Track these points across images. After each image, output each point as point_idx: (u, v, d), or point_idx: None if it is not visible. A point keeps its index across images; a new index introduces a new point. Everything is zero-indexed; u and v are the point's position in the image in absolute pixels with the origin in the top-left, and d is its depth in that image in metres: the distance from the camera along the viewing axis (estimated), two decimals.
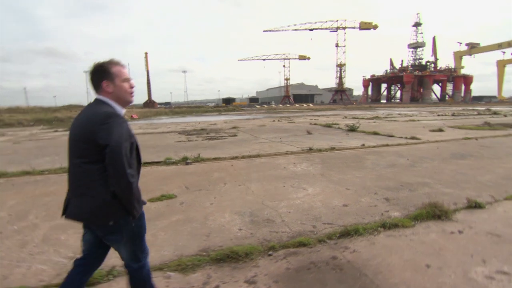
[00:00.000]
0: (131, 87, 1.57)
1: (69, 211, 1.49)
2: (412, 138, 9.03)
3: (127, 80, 1.55)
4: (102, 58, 1.59)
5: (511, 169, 5.04)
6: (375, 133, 10.45)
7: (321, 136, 10.17)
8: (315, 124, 15.13)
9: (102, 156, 1.36)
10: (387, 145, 7.74)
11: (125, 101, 1.55)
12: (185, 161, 6.11)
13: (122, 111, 1.53)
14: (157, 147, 8.45)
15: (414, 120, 16.67)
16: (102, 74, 1.49)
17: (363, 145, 7.73)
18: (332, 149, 7.23)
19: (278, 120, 18.95)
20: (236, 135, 11.17)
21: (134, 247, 1.55)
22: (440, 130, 11.26)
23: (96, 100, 1.51)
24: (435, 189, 3.99)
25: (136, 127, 16.32)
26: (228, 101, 77.30)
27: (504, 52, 78.52)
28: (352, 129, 11.64)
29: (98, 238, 1.55)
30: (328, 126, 13.65)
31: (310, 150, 7.09)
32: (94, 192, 1.40)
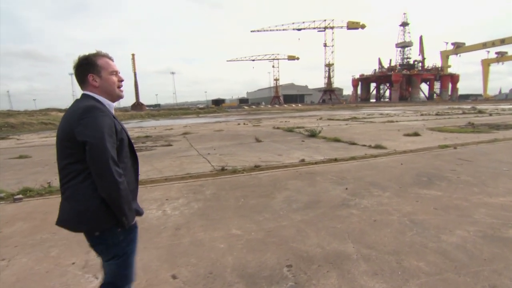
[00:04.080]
0: (120, 80, 1.36)
1: (58, 217, 1.25)
2: (377, 146, 7.12)
3: (115, 72, 1.34)
4: None
5: (500, 209, 3.08)
6: (336, 140, 8.50)
7: (268, 145, 8.15)
8: (278, 128, 13.11)
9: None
10: (335, 160, 5.74)
11: (115, 96, 1.34)
12: (12, 197, 4.00)
13: (112, 106, 1.33)
14: (47, 165, 6.22)
15: (392, 121, 14.82)
16: (87, 67, 1.29)
17: (303, 160, 5.71)
18: (254, 168, 5.18)
19: (244, 124, 16.89)
20: (171, 145, 9.14)
21: (117, 268, 1.28)
22: (416, 134, 9.42)
23: (82, 95, 1.30)
24: (346, 281, 1.98)
25: None
26: (217, 102, 74.53)
27: (488, 52, 78.21)
28: (312, 135, 9.73)
29: None
30: (290, 130, 11.66)
31: (222, 170, 5.04)
32: (80, 195, 1.20)
